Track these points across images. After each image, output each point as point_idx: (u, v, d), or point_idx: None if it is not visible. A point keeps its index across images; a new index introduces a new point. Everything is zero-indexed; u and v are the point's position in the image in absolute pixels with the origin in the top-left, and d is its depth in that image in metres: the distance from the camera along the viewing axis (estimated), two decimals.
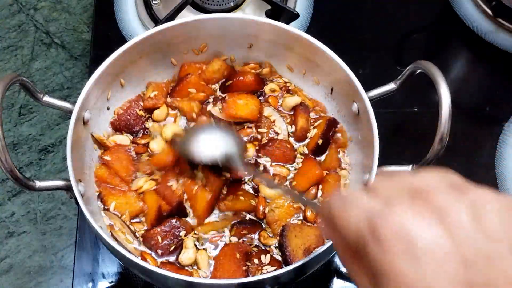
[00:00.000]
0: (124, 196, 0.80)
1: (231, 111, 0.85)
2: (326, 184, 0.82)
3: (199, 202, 0.78)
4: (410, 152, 0.94)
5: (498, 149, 0.96)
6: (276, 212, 0.79)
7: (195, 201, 0.79)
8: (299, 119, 0.86)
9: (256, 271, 0.76)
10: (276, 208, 0.79)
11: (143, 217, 0.79)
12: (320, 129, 0.84)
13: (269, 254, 0.77)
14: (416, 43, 1.11)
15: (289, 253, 0.75)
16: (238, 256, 0.76)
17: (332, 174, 0.83)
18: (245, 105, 0.85)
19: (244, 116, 0.86)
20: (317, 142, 0.84)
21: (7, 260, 0.92)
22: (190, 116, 0.86)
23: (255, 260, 0.76)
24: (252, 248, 0.78)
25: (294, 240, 0.76)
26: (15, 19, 1.13)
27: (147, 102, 0.86)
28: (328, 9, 1.10)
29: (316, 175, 0.82)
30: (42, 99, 0.74)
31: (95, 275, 0.86)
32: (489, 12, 1.07)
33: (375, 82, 0.78)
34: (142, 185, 0.80)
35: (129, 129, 0.85)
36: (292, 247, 0.75)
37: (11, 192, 0.96)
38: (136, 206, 0.79)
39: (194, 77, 0.87)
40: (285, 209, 0.79)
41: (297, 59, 0.87)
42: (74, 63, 1.09)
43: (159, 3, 1.05)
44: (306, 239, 0.76)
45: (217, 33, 0.86)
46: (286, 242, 0.75)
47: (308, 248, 0.75)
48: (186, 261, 0.76)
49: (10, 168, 0.65)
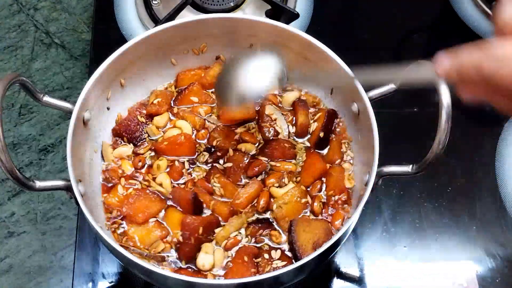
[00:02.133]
0: (142, 227, 0.79)
1: (228, 116, 0.86)
2: (330, 177, 0.82)
3: (222, 214, 0.79)
4: (410, 152, 0.94)
5: (498, 149, 0.96)
6: (284, 209, 0.79)
7: (218, 212, 0.80)
8: (298, 115, 0.86)
9: (266, 265, 0.76)
10: (284, 205, 0.79)
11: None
12: (320, 121, 0.85)
13: (279, 249, 0.77)
14: (416, 43, 1.11)
15: (298, 248, 0.75)
16: (246, 259, 0.76)
17: (335, 167, 0.83)
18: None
19: (242, 117, 0.86)
20: (319, 135, 0.84)
21: (7, 260, 0.92)
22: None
23: (265, 255, 0.77)
24: (263, 245, 0.78)
25: (303, 234, 0.76)
26: (15, 19, 1.13)
27: (150, 108, 0.86)
28: (328, 9, 1.10)
29: (319, 169, 0.82)
30: (42, 99, 0.74)
31: (95, 275, 0.86)
32: (489, 12, 1.06)
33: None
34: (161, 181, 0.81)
35: (130, 134, 0.85)
36: (301, 242, 0.75)
37: (11, 192, 0.96)
38: (153, 237, 0.78)
39: (196, 86, 0.88)
40: (293, 205, 0.80)
41: (297, 59, 0.87)
42: (74, 63, 1.09)
43: (159, 3, 1.05)
44: (315, 233, 0.76)
45: (217, 33, 0.86)
46: (295, 237, 0.76)
47: (317, 241, 0.75)
48: (208, 266, 0.76)
49: (10, 168, 0.65)
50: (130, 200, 0.79)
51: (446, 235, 0.89)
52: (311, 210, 0.80)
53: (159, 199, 0.80)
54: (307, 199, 0.81)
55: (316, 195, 0.81)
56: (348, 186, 0.82)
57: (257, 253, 0.77)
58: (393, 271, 0.87)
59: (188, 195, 0.78)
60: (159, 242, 0.77)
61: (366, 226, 0.90)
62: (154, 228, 0.78)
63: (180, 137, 0.83)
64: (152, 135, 0.86)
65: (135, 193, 0.80)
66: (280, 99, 0.89)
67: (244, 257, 0.76)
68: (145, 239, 0.78)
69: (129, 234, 0.78)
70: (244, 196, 0.80)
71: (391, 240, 0.89)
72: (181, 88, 0.89)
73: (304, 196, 0.80)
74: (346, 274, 0.87)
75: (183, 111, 0.87)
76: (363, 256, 0.88)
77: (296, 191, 0.80)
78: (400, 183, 0.93)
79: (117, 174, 0.82)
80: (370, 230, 0.90)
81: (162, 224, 0.79)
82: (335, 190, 0.81)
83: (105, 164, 0.83)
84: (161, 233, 0.78)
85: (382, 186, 0.92)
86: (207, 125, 0.87)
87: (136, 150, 0.84)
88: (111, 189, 0.81)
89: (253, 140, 0.85)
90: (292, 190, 0.80)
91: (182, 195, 0.80)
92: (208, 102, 0.88)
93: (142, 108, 0.87)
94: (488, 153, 0.96)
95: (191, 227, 0.76)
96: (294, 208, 0.80)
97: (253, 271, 0.75)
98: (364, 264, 0.88)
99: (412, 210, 0.91)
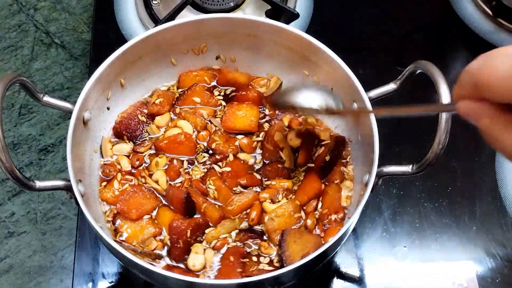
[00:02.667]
0: (136, 223, 0.79)
1: (229, 124, 0.85)
2: (326, 196, 0.81)
3: (212, 218, 0.79)
4: (410, 152, 0.94)
5: None
6: (276, 221, 0.78)
7: (208, 215, 0.80)
8: (301, 155, 0.84)
9: (253, 266, 0.75)
10: (276, 217, 0.79)
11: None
12: (327, 146, 0.83)
13: (268, 257, 0.77)
14: (416, 43, 1.11)
15: (286, 257, 0.74)
16: (232, 258, 0.76)
17: (332, 186, 0.82)
18: (244, 117, 0.85)
19: (243, 128, 0.86)
20: (325, 159, 0.82)
21: (7, 260, 0.92)
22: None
23: (253, 258, 0.77)
24: (252, 250, 0.78)
25: (293, 245, 0.75)
26: (15, 19, 1.13)
27: (152, 108, 0.86)
28: (328, 9, 1.10)
29: (315, 188, 0.81)
30: (42, 99, 0.74)
31: (95, 275, 0.86)
32: (489, 12, 1.07)
33: (375, 82, 0.78)
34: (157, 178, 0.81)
35: (130, 133, 0.85)
36: (289, 252, 0.75)
37: (11, 192, 0.96)
38: (147, 234, 0.78)
39: (199, 87, 0.88)
40: (285, 219, 0.79)
41: (297, 59, 0.87)
42: (74, 63, 1.09)
43: (159, 3, 1.05)
44: (305, 246, 0.75)
45: (217, 33, 0.86)
46: (284, 246, 0.75)
47: (305, 255, 0.74)
48: (198, 266, 0.76)
49: (10, 168, 0.65)
50: (125, 196, 0.79)
51: (446, 235, 0.89)
52: (304, 225, 0.79)
53: (154, 197, 0.81)
54: (301, 214, 0.80)
55: (310, 212, 0.80)
56: (345, 205, 0.81)
57: (245, 253, 0.77)
58: (393, 271, 0.87)
59: (181, 194, 0.78)
60: (151, 239, 0.77)
61: (366, 226, 0.90)
62: (148, 225, 0.78)
63: (180, 136, 0.83)
64: (152, 134, 0.86)
65: (130, 189, 0.80)
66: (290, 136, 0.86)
67: (230, 257, 0.76)
68: (138, 235, 0.78)
69: (123, 230, 0.78)
70: (237, 204, 0.80)
71: (391, 240, 0.89)
72: (183, 89, 0.89)
73: (297, 211, 0.80)
74: (346, 274, 0.87)
75: (185, 111, 0.87)
76: (363, 256, 0.88)
77: (290, 205, 0.79)
78: (400, 183, 0.93)
79: (115, 167, 0.82)
80: (370, 230, 0.90)
81: (156, 222, 0.79)
82: (330, 208, 0.80)
83: (103, 160, 0.83)
84: (154, 230, 0.78)
85: (382, 186, 0.92)
86: (209, 127, 0.87)
87: (136, 149, 0.84)
88: (108, 183, 0.81)
89: (249, 151, 0.85)
90: (286, 205, 0.79)
91: (175, 193, 0.80)
92: (211, 103, 0.88)
93: (143, 107, 0.87)
94: (488, 153, 0.96)
95: (178, 231, 0.76)
96: (286, 221, 0.79)
97: (239, 271, 0.75)
98: (364, 264, 0.88)
99: (412, 210, 0.91)
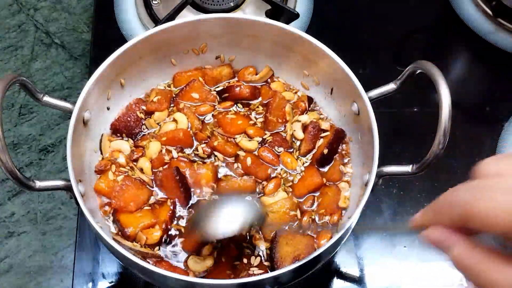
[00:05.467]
0: (134, 214, 0.78)
1: (229, 129, 0.86)
2: (324, 197, 0.81)
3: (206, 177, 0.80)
4: (410, 152, 0.94)
5: (498, 149, 0.96)
6: (271, 217, 0.79)
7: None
8: (303, 144, 0.85)
9: (243, 270, 0.75)
10: (271, 213, 0.79)
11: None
12: (327, 139, 0.84)
13: (259, 257, 0.77)
14: (416, 43, 1.11)
15: (277, 259, 0.75)
16: (224, 260, 0.76)
17: (331, 187, 0.82)
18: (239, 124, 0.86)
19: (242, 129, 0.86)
20: (323, 152, 0.83)
21: (7, 260, 0.92)
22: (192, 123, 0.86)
23: (244, 260, 0.77)
24: (246, 251, 0.78)
25: (285, 247, 0.75)
26: (15, 19, 1.13)
27: (150, 105, 0.87)
28: (328, 9, 1.10)
29: (315, 183, 0.81)
30: (42, 99, 0.74)
31: (95, 275, 0.86)
32: (489, 12, 1.07)
33: (375, 82, 0.78)
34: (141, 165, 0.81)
35: (129, 130, 0.85)
36: (281, 254, 0.75)
37: (11, 192, 0.96)
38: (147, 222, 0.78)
39: (197, 83, 0.88)
40: (280, 215, 0.79)
41: (297, 59, 0.87)
42: (74, 63, 1.09)
43: (159, 3, 1.05)
44: (297, 248, 0.75)
45: (217, 33, 0.86)
46: (275, 248, 0.75)
47: (297, 257, 0.75)
48: (200, 268, 0.76)
49: (10, 168, 0.65)
50: (118, 190, 0.78)
51: None
52: (299, 224, 0.79)
53: (145, 186, 0.81)
54: (296, 212, 0.80)
55: (307, 210, 0.81)
56: (343, 206, 0.81)
57: (237, 255, 0.77)
58: (393, 271, 0.87)
59: (170, 171, 0.79)
60: (153, 229, 0.77)
61: (366, 226, 0.90)
62: (147, 214, 0.78)
63: (179, 133, 0.84)
64: (149, 128, 0.86)
65: (122, 182, 0.79)
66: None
67: (222, 258, 0.76)
68: (137, 223, 0.77)
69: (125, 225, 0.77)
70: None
71: (391, 240, 0.89)
72: (179, 87, 0.89)
73: (293, 209, 0.80)
74: (346, 274, 0.87)
75: (187, 107, 0.87)
76: (363, 256, 0.88)
77: (287, 202, 0.79)
78: (400, 183, 0.93)
79: (110, 161, 0.82)
80: (370, 230, 0.90)
81: (155, 210, 0.79)
82: (326, 209, 0.80)
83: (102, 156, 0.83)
84: (156, 219, 0.78)
85: (382, 186, 0.92)
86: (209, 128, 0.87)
87: (138, 143, 0.84)
88: (102, 174, 0.81)
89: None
90: (283, 201, 0.80)
91: (164, 174, 0.80)
92: (209, 99, 0.88)
93: (141, 104, 0.87)
94: (488, 153, 0.96)
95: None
96: (281, 218, 0.79)
97: (228, 273, 0.75)
98: (364, 264, 0.88)
99: (412, 210, 0.91)
